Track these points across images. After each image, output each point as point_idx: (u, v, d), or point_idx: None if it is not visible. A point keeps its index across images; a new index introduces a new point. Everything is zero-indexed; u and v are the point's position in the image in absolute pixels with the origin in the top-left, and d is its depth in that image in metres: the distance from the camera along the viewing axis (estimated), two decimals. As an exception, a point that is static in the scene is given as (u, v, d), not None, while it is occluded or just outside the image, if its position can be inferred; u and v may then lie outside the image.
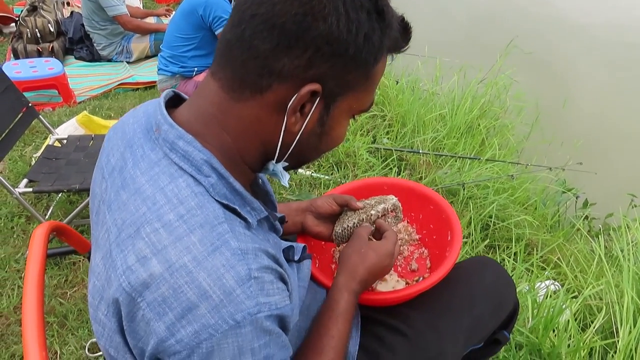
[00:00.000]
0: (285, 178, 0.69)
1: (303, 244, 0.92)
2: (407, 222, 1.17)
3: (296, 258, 0.87)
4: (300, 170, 2.40)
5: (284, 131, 0.62)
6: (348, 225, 0.95)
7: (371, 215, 0.94)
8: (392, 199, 0.97)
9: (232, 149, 0.63)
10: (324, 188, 2.38)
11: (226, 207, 0.61)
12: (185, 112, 0.65)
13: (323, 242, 1.11)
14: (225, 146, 0.63)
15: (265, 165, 0.69)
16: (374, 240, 0.92)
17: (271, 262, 0.60)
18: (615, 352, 1.60)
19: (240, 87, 0.60)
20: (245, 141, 0.63)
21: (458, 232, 1.00)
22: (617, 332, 1.66)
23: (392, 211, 0.97)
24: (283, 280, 0.62)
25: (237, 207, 0.62)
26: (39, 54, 3.76)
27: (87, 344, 1.63)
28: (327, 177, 2.43)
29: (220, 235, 0.57)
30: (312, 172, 2.45)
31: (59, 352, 1.63)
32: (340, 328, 0.78)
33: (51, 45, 3.80)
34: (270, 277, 0.59)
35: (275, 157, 0.65)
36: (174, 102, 0.71)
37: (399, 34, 0.65)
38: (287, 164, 0.68)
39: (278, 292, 0.59)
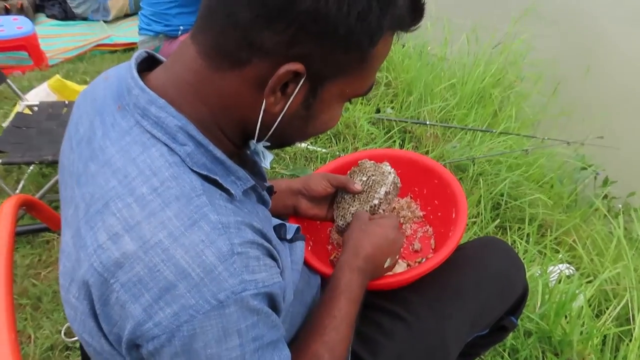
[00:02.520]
0: (267, 159, 0.69)
1: (297, 225, 0.93)
2: (410, 197, 1.18)
3: (288, 237, 0.88)
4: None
5: (263, 111, 0.61)
6: (350, 219, 0.96)
7: (375, 205, 0.95)
8: (389, 174, 0.97)
9: (210, 121, 0.63)
10: (320, 162, 2.37)
11: (205, 178, 0.60)
12: (160, 76, 0.64)
13: (319, 222, 1.12)
14: (201, 117, 0.62)
15: (247, 143, 0.69)
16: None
17: (257, 236, 0.60)
18: (630, 339, 1.61)
19: (219, 56, 0.60)
20: (224, 115, 0.63)
21: (463, 209, 1.00)
22: (634, 318, 1.68)
23: (392, 187, 0.98)
24: (272, 256, 0.63)
25: (218, 178, 0.61)
26: (7, 12, 3.72)
27: (63, 328, 1.64)
28: (324, 150, 2.43)
29: (198, 209, 0.56)
30: (308, 145, 2.45)
31: (32, 336, 1.64)
32: (342, 307, 0.79)
33: (20, 2, 3.77)
34: (256, 253, 0.59)
35: (255, 136, 0.65)
36: (148, 65, 0.70)
37: (407, 12, 0.62)
38: (268, 143, 0.68)
39: (265, 269, 0.59)
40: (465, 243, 1.09)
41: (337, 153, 2.42)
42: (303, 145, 2.42)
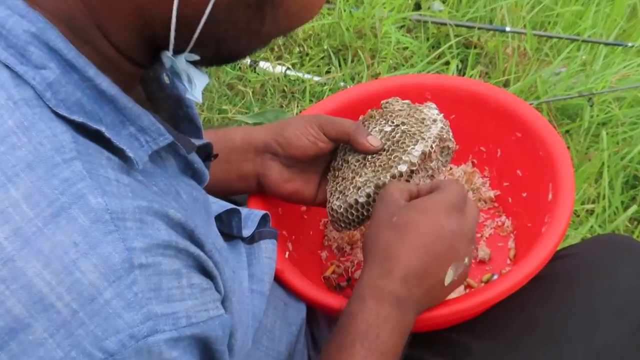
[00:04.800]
0: (197, 84, 0.55)
1: (263, 211, 0.83)
2: (473, 163, 1.05)
3: (245, 233, 0.78)
4: (264, 65, 1.92)
5: None
6: (358, 199, 0.82)
7: (400, 175, 0.81)
8: (434, 123, 0.84)
9: (86, 22, 0.50)
10: (310, 100, 1.94)
11: (81, 128, 0.48)
12: None
13: (303, 208, 0.99)
14: (71, 15, 0.49)
15: (157, 58, 0.57)
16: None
17: (176, 235, 0.49)
18: None
19: None
20: (110, 11, 0.49)
21: (569, 187, 0.88)
22: None
23: (437, 145, 0.85)
24: (204, 271, 0.52)
25: (104, 130, 0.49)
26: None
27: None
28: (316, 77, 1.96)
29: (68, 185, 0.45)
30: (287, 68, 1.95)
31: None
32: None
33: None
34: (174, 265, 0.48)
35: (171, 45, 0.51)
36: None
37: None
38: (196, 57, 0.54)
39: (192, 294, 0.49)
40: (570, 247, 0.98)
41: (342, 84, 1.93)
42: (278, 69, 1.93)
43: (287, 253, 0.92)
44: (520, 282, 0.81)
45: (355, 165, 0.86)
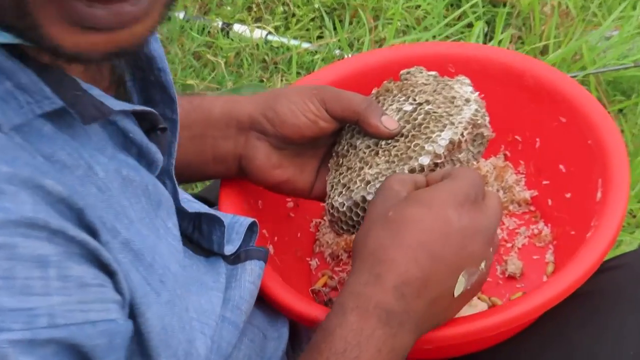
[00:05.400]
0: None
1: (250, 219, 0.78)
2: (505, 156, 1.04)
3: (228, 250, 0.73)
4: (239, 28, 1.78)
5: None
6: (366, 197, 0.79)
7: (421, 168, 0.80)
8: (467, 104, 0.82)
9: None
10: (296, 74, 1.82)
11: None
12: None
13: (291, 203, 0.97)
14: None
15: None
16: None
17: (52, 214, 0.47)
18: None
19: None
20: None
21: (622, 182, 0.87)
22: None
23: (469, 132, 0.83)
24: (98, 263, 0.50)
25: None
26: None
27: None
28: (307, 44, 1.83)
29: None
30: (268, 33, 1.83)
31: None
32: None
33: None
34: (40, 250, 0.46)
35: None
36: None
37: None
38: None
39: (64, 289, 0.47)
40: (622, 255, 0.96)
41: (337, 52, 1.82)
42: (256, 34, 1.81)
43: (271, 255, 0.92)
44: (556, 297, 0.77)
45: (364, 153, 0.81)
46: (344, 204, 0.80)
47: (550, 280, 0.82)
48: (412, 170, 0.78)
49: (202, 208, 0.73)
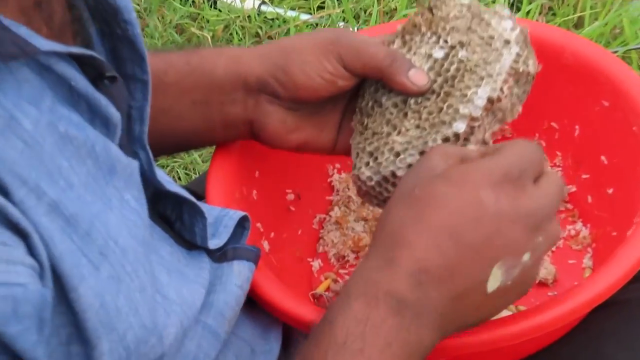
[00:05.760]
0: None
1: (241, 212, 0.76)
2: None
3: (213, 244, 0.72)
4: None
5: None
6: (396, 171, 0.79)
7: (455, 132, 0.77)
8: (507, 46, 0.77)
9: None
10: None
11: None
12: None
13: (291, 195, 0.98)
14: None
15: None
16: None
17: None
18: None
19: None
20: None
21: None
22: None
23: (509, 85, 0.78)
24: (6, 222, 0.47)
25: None
26: None
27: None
28: (306, 15, 1.80)
29: None
30: (262, 2, 1.82)
31: None
32: None
33: None
34: None
35: None
36: None
37: None
38: None
39: None
40: None
41: (341, 24, 1.79)
42: (248, 3, 1.80)
43: (267, 251, 0.91)
44: (588, 303, 0.75)
45: (392, 114, 0.80)
46: (372, 178, 0.78)
47: (583, 284, 0.79)
48: (446, 139, 0.75)
49: (183, 192, 0.69)
